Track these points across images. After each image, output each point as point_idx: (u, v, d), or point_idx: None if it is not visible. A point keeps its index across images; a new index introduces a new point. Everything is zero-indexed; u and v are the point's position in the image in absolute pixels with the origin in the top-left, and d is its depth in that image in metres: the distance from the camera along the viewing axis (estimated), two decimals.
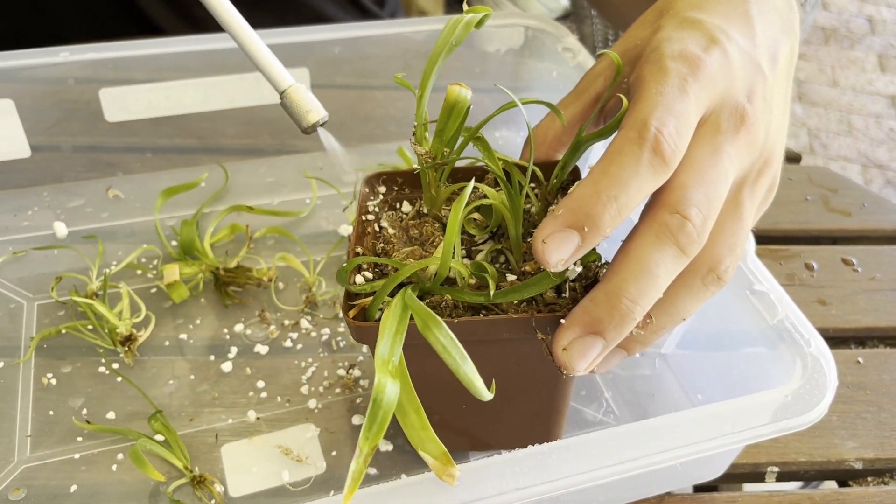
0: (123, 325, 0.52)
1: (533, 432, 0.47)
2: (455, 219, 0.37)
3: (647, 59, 0.38)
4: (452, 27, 0.43)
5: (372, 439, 0.33)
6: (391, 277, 0.38)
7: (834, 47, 2.73)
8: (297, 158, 0.70)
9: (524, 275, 0.42)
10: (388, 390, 0.34)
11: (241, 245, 0.61)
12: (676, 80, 0.36)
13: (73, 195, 0.65)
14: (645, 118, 0.34)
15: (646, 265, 0.34)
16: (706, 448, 0.40)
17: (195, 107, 0.64)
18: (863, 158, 2.29)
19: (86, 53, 0.60)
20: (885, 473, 0.52)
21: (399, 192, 0.48)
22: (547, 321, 0.38)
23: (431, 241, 0.44)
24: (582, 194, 0.34)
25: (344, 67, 0.70)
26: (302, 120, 0.44)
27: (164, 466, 0.47)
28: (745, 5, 0.41)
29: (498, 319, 0.38)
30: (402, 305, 0.37)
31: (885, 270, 0.65)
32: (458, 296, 0.39)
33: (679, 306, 0.38)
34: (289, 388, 0.52)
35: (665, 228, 0.34)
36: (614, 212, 0.34)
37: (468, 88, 0.41)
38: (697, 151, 0.36)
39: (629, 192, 0.34)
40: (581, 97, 0.44)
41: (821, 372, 0.43)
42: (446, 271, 0.38)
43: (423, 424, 0.34)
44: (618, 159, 0.34)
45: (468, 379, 0.34)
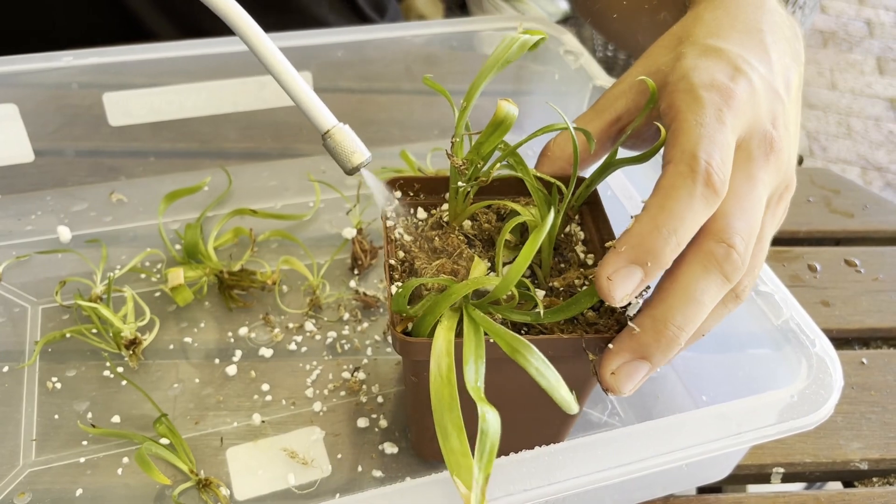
0: (128, 329, 0.52)
1: (542, 435, 0.47)
2: (534, 245, 0.37)
3: (677, 88, 0.39)
4: (508, 46, 0.43)
5: (485, 468, 0.33)
6: (444, 296, 0.38)
7: (832, 50, 2.73)
8: (300, 162, 0.70)
9: (552, 290, 0.43)
10: (489, 418, 0.34)
11: (245, 248, 0.61)
12: (713, 110, 0.37)
13: (77, 199, 0.65)
14: (693, 151, 0.36)
15: (692, 293, 0.35)
16: (712, 449, 0.40)
17: (197, 111, 0.64)
18: (862, 161, 2.29)
19: (89, 58, 0.60)
20: (890, 474, 0.52)
21: (414, 197, 0.48)
22: (595, 342, 0.39)
23: (459, 253, 0.44)
24: (642, 230, 0.35)
25: (346, 71, 0.70)
26: (346, 161, 0.44)
27: (170, 470, 0.47)
28: (760, 35, 0.42)
29: (553, 339, 0.39)
30: (474, 327, 0.37)
31: (888, 271, 0.65)
32: (506, 314, 0.40)
33: (703, 327, 0.39)
34: (294, 392, 0.52)
35: (712, 258, 0.36)
36: (674, 245, 0.35)
37: (516, 105, 0.41)
38: (735, 180, 0.37)
39: (686, 224, 0.35)
40: (601, 116, 0.45)
41: (826, 372, 0.43)
42: (504, 292, 0.38)
43: (464, 451, 0.34)
44: (673, 194, 0.35)
45: (562, 399, 0.34)
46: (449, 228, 0.46)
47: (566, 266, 0.46)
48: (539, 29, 0.43)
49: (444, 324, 0.38)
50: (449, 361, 0.36)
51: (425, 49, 0.71)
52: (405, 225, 0.46)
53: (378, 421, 0.51)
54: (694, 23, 0.44)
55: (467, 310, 0.39)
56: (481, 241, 0.46)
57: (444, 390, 0.35)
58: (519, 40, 0.42)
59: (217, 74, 0.64)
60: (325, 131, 0.44)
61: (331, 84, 0.70)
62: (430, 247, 0.45)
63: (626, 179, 0.58)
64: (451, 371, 0.35)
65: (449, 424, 0.34)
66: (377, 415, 0.51)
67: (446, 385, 0.35)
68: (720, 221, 0.36)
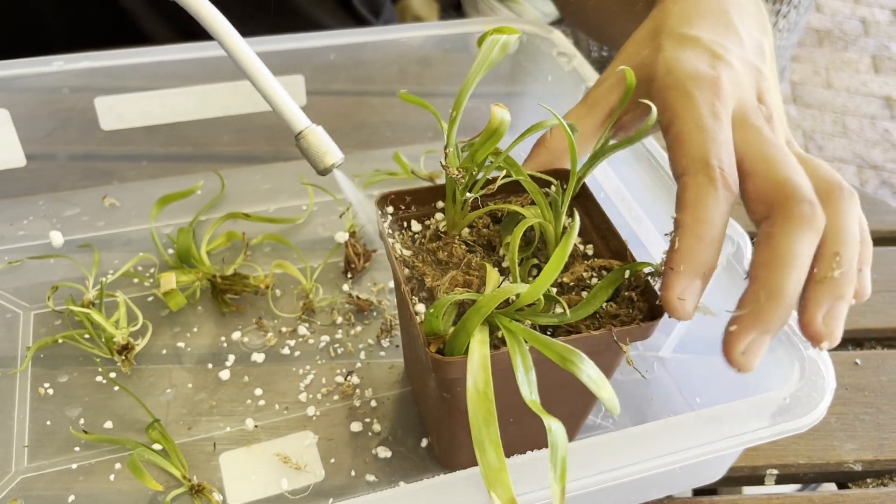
0: (120, 334, 0.52)
1: None
2: (565, 250, 0.38)
3: (666, 85, 0.42)
4: (490, 49, 0.43)
5: (560, 480, 0.34)
6: (475, 311, 0.38)
7: (828, 49, 2.74)
8: (293, 165, 0.70)
9: (562, 286, 0.44)
10: (555, 430, 0.34)
11: (238, 252, 0.61)
12: (707, 108, 0.40)
13: (69, 204, 0.65)
14: (705, 159, 0.39)
15: (797, 256, 0.37)
16: (704, 452, 0.40)
17: (189, 114, 0.64)
18: (858, 160, 2.29)
19: (80, 62, 0.59)
20: (884, 475, 0.52)
21: (406, 210, 0.48)
22: (624, 334, 0.40)
23: (467, 262, 0.44)
24: (692, 246, 0.38)
25: (339, 74, 0.70)
26: (318, 162, 0.44)
27: (163, 476, 0.47)
28: (726, 16, 0.46)
29: (585, 337, 0.40)
30: (516, 340, 0.37)
31: (882, 272, 0.65)
32: (534, 319, 0.40)
33: None
34: (287, 396, 0.52)
35: (803, 218, 0.37)
36: (718, 247, 0.38)
37: (508, 109, 0.41)
38: (763, 147, 0.40)
39: (720, 227, 0.38)
40: (594, 112, 0.47)
41: (819, 374, 0.43)
42: (533, 298, 0.39)
43: (501, 466, 0.34)
44: (702, 205, 0.38)
45: (612, 403, 0.35)
46: (448, 238, 0.46)
47: (569, 259, 0.47)
48: (513, 27, 0.43)
49: (478, 338, 0.37)
50: (486, 377, 0.36)
51: (419, 51, 0.71)
52: (402, 239, 0.46)
53: (372, 425, 0.51)
54: (664, 15, 0.46)
55: (502, 322, 0.39)
56: (481, 247, 0.47)
57: (482, 406, 0.35)
58: (500, 41, 0.42)
59: (209, 78, 0.63)
60: (298, 132, 0.44)
61: (324, 87, 0.70)
62: (433, 259, 0.45)
63: (619, 181, 0.58)
64: (488, 386, 0.35)
65: (486, 440, 0.34)
66: (371, 419, 0.51)
67: (483, 401, 0.35)
68: (790, 184, 0.38)
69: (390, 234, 0.46)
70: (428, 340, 0.39)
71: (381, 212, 0.47)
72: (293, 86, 0.66)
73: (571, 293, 0.44)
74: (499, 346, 0.39)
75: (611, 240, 0.47)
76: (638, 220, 0.56)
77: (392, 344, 0.56)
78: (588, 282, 0.45)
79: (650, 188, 0.54)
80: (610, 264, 0.46)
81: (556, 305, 0.41)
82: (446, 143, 0.44)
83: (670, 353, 0.56)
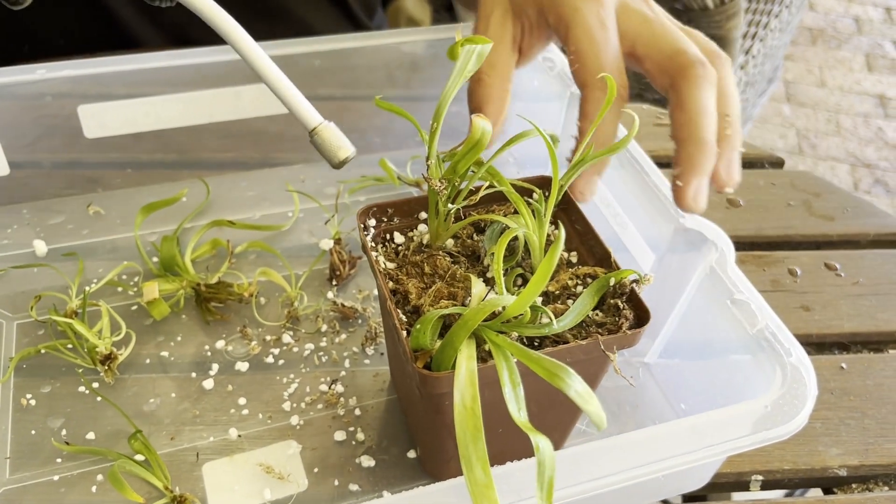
0: (103, 344, 0.52)
1: None
2: (551, 262, 0.38)
3: (555, 2, 0.49)
4: (465, 61, 0.43)
5: (546, 499, 0.34)
6: (461, 325, 0.38)
7: (821, 48, 2.74)
8: (278, 171, 0.70)
9: (548, 295, 0.44)
10: (543, 447, 0.34)
11: (223, 260, 0.61)
12: (595, 20, 0.48)
13: (53, 212, 0.64)
14: (599, 71, 0.47)
15: (706, 108, 0.45)
16: (686, 461, 0.40)
17: (174, 122, 0.64)
18: (851, 158, 2.29)
19: (63, 70, 0.59)
20: (869, 480, 0.52)
21: (388, 223, 0.48)
22: (611, 342, 0.41)
23: (451, 274, 0.44)
24: (606, 138, 0.48)
25: (326, 79, 0.70)
26: (333, 157, 0.46)
27: (145, 487, 0.47)
28: None
29: (573, 347, 0.40)
30: (503, 355, 0.37)
31: (868, 275, 0.65)
32: (522, 331, 0.40)
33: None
34: (270, 405, 0.52)
35: (701, 77, 0.45)
36: (610, 146, 0.45)
37: (488, 120, 0.42)
38: (647, 25, 0.49)
39: (613, 131, 0.49)
40: (503, 44, 0.52)
41: (800, 382, 0.43)
42: (519, 311, 0.39)
43: (488, 482, 0.34)
44: (608, 118, 0.47)
45: (598, 417, 0.35)
46: (432, 250, 0.46)
47: (554, 268, 0.47)
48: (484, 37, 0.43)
49: (465, 353, 0.37)
50: (473, 392, 0.36)
51: (408, 57, 0.71)
52: (385, 252, 0.46)
53: (356, 434, 0.51)
54: None
55: (489, 336, 0.39)
56: (466, 258, 0.46)
57: (469, 422, 0.35)
58: (475, 52, 0.42)
59: (193, 85, 0.63)
60: (312, 129, 0.46)
61: (311, 92, 0.70)
62: (417, 272, 0.44)
63: (604, 187, 0.58)
64: (475, 402, 0.35)
65: (473, 456, 0.34)
66: (354, 428, 0.51)
67: (471, 417, 0.35)
68: (680, 56, 0.46)
69: (373, 248, 0.46)
70: (415, 356, 0.39)
71: (363, 225, 0.47)
72: None
73: (557, 302, 0.44)
74: (486, 358, 0.39)
75: (595, 247, 0.47)
76: (623, 226, 0.56)
77: (377, 351, 0.56)
78: (573, 290, 0.45)
79: (635, 194, 0.54)
80: (595, 272, 0.46)
81: (543, 316, 0.41)
82: (427, 155, 0.44)
83: (656, 359, 0.56)
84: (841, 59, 2.69)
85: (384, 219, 0.48)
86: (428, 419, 0.44)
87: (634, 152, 0.55)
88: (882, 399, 0.56)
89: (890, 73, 2.63)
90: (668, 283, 0.53)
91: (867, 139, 2.36)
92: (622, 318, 0.42)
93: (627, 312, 0.42)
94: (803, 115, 2.44)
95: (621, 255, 0.55)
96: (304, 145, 0.72)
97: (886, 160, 2.29)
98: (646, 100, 1.58)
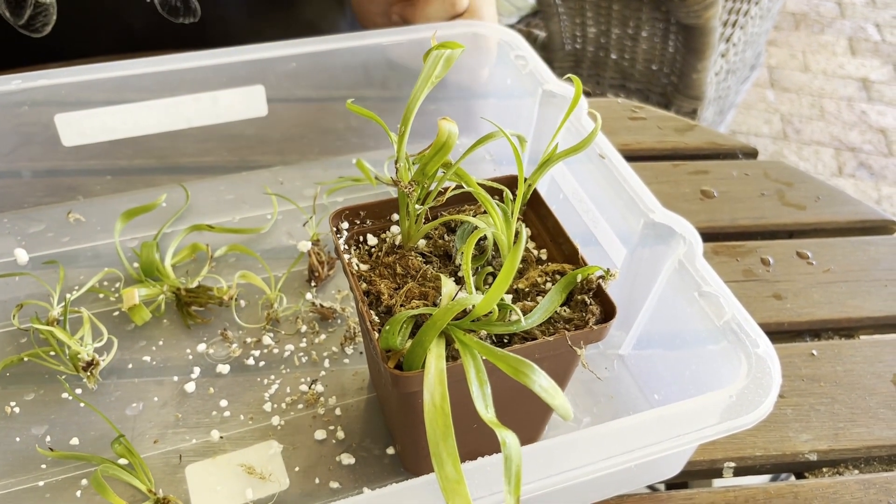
0: (85, 351, 0.53)
1: (523, 436, 0.48)
2: (514, 261, 0.38)
3: None
4: (433, 65, 0.44)
5: (514, 493, 0.34)
6: (430, 325, 0.39)
7: (804, 32, 2.75)
8: (256, 174, 0.70)
9: (517, 293, 0.45)
10: (510, 443, 0.35)
11: (203, 264, 0.61)
12: None
13: (34, 221, 0.65)
14: None
15: None
16: (656, 451, 0.41)
17: (152, 128, 0.64)
18: (835, 142, 2.31)
19: (38, 80, 0.60)
20: (839, 464, 0.53)
21: (361, 225, 0.49)
22: (578, 337, 0.42)
23: (423, 274, 0.45)
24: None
25: (303, 80, 0.71)
26: None
27: (129, 490, 0.48)
28: None
29: (541, 344, 0.41)
30: (470, 353, 0.38)
31: (839, 262, 0.66)
32: (491, 329, 0.41)
33: None
34: (251, 406, 0.53)
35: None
36: None
37: (454, 123, 0.42)
38: None
39: None
40: None
41: (766, 371, 0.44)
42: (487, 310, 0.40)
43: (458, 479, 0.34)
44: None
45: (564, 410, 0.36)
46: (404, 251, 0.47)
47: (523, 265, 0.48)
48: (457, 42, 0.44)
49: (434, 352, 0.38)
50: (442, 391, 0.37)
51: (385, 54, 0.72)
52: (358, 254, 0.47)
53: (336, 432, 0.51)
54: None
55: (456, 335, 0.39)
56: (438, 258, 0.47)
57: (439, 420, 0.36)
58: (443, 56, 0.43)
59: (170, 91, 0.64)
60: None
61: (288, 94, 0.71)
62: (390, 273, 0.45)
63: (576, 183, 0.59)
64: (444, 400, 0.36)
65: (444, 453, 0.35)
66: (335, 426, 0.52)
67: (440, 415, 0.36)
68: None
69: (346, 250, 0.47)
70: (386, 356, 0.40)
71: (335, 228, 0.48)
72: (253, 96, 0.66)
73: (527, 299, 0.45)
74: (457, 356, 0.40)
75: (563, 244, 0.48)
76: (595, 221, 0.57)
77: (356, 351, 0.57)
78: (543, 287, 0.46)
79: (604, 189, 0.55)
80: (563, 269, 0.47)
81: (512, 313, 0.42)
82: (396, 158, 0.44)
83: (630, 351, 0.57)
84: (824, 43, 2.70)
85: (357, 221, 0.49)
86: (403, 417, 0.45)
87: (605, 147, 0.56)
88: (852, 384, 0.57)
89: (873, 56, 2.65)
90: (640, 277, 0.54)
91: (851, 123, 2.37)
92: (589, 314, 0.43)
93: (594, 308, 0.44)
94: (787, 100, 2.46)
95: (594, 250, 0.57)
96: (282, 147, 0.73)
97: (870, 143, 2.30)
98: (627, 90, 1.59)
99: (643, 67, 1.52)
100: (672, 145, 0.77)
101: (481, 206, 0.48)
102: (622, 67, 1.55)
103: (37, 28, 0.68)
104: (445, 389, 0.37)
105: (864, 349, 0.60)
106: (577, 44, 1.57)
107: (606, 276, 0.44)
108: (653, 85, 1.55)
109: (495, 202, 0.45)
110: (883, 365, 0.59)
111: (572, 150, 0.45)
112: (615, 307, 0.43)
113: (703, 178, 0.74)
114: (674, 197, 0.72)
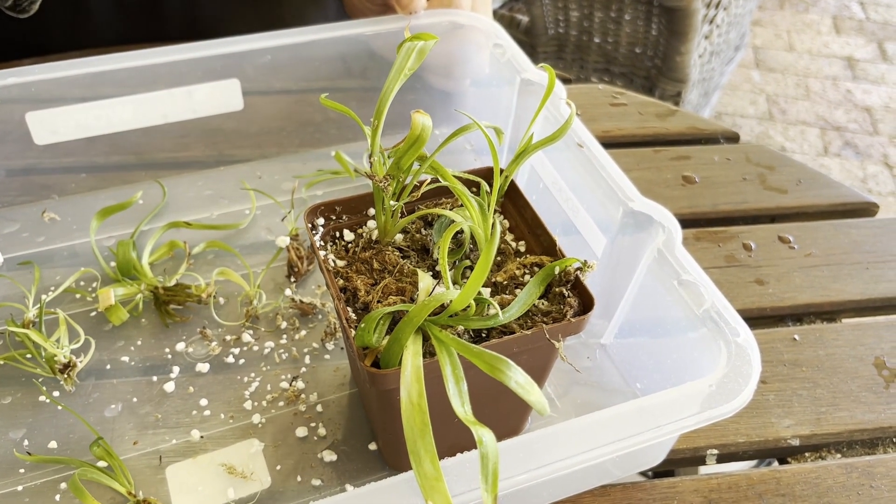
0: (61, 353, 0.52)
1: (505, 428, 0.48)
2: (489, 256, 0.38)
3: None
4: (406, 57, 0.43)
5: (491, 490, 0.34)
6: (406, 322, 0.38)
7: (789, 11, 2.75)
8: (234, 169, 0.70)
9: (496, 286, 0.45)
10: (486, 440, 0.34)
11: (181, 262, 0.61)
12: None
13: (8, 220, 0.64)
14: None
15: None
16: (637, 442, 0.41)
17: (127, 124, 0.64)
18: (821, 122, 2.31)
19: (7, 78, 0.59)
20: (821, 448, 0.54)
21: (337, 220, 0.48)
22: (555, 330, 0.42)
23: (400, 269, 0.44)
24: None
25: (280, 73, 0.70)
26: None
27: (108, 493, 0.48)
28: None
29: (519, 338, 0.41)
30: (447, 351, 0.38)
31: (820, 246, 0.66)
32: (466, 324, 0.41)
33: None
34: (232, 405, 0.53)
35: None
36: None
37: (428, 116, 0.42)
38: None
39: None
40: None
41: (745, 360, 0.44)
42: (463, 305, 0.39)
43: (437, 475, 0.34)
44: None
45: (540, 405, 0.36)
46: (381, 246, 0.46)
47: (501, 258, 0.47)
48: (430, 34, 0.43)
49: (411, 349, 0.38)
50: (419, 388, 0.36)
51: (364, 46, 0.71)
52: (335, 250, 0.46)
53: (317, 429, 0.51)
54: None
55: (433, 331, 0.39)
56: (415, 252, 0.47)
57: (416, 417, 0.36)
58: (416, 48, 0.42)
59: (144, 86, 0.63)
60: None
61: (267, 86, 0.70)
62: (367, 268, 0.45)
63: (556, 173, 0.58)
64: (421, 397, 0.36)
65: (422, 450, 0.35)
66: (316, 423, 0.52)
67: (418, 412, 0.36)
68: None
69: (322, 247, 0.46)
70: (363, 353, 0.40)
71: (311, 224, 0.47)
72: (228, 90, 0.65)
73: (505, 292, 0.45)
74: (434, 352, 0.40)
75: (541, 235, 0.48)
76: (574, 210, 0.56)
77: (337, 347, 0.56)
78: (521, 279, 0.46)
79: (584, 178, 0.55)
80: (541, 261, 0.46)
81: (490, 307, 0.41)
82: (370, 152, 0.44)
83: (612, 340, 0.57)
84: (809, 22, 2.70)
85: (333, 216, 0.48)
86: (383, 413, 0.45)
87: (583, 135, 0.56)
88: (833, 368, 0.57)
89: (857, 34, 2.65)
90: (620, 266, 0.53)
91: (836, 102, 2.38)
92: (567, 306, 0.43)
93: (572, 300, 0.43)
94: (773, 80, 2.46)
95: (575, 239, 0.56)
96: (261, 141, 0.72)
97: (855, 122, 2.31)
98: (611, 73, 1.58)
99: (627, 51, 1.51)
100: (653, 131, 0.77)
101: (458, 198, 0.48)
102: (606, 51, 1.54)
103: (24, 8, 0.67)
104: (422, 387, 0.37)
105: (846, 333, 0.60)
106: (560, 28, 1.56)
107: (584, 267, 0.44)
108: (637, 68, 1.54)
109: (472, 195, 0.44)
110: (864, 348, 0.59)
111: (548, 139, 0.44)
112: (593, 299, 0.43)
113: (685, 164, 0.74)
114: (655, 183, 0.72)
